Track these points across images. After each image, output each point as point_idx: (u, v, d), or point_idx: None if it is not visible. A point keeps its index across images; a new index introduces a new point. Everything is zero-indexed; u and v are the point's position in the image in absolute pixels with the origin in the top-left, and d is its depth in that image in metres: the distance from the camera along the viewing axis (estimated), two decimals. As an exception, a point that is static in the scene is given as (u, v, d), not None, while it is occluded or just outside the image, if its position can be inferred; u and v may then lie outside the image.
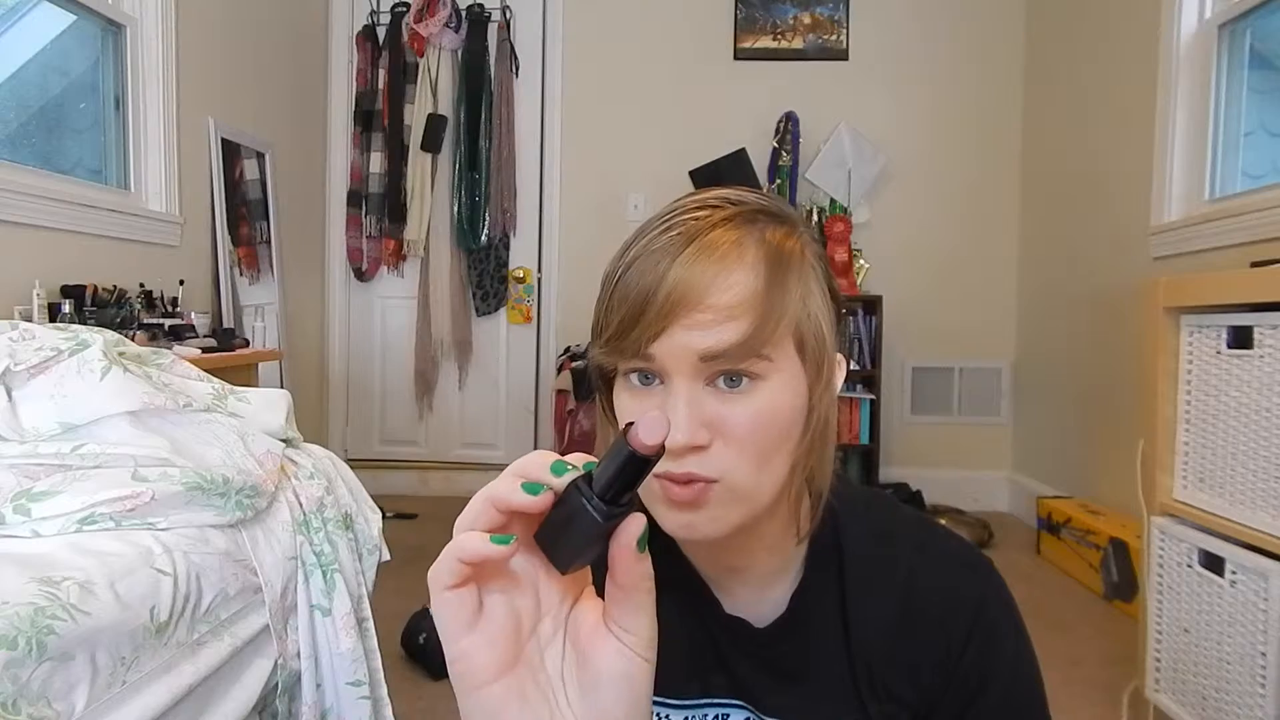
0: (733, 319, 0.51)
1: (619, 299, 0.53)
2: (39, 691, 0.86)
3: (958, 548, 0.65)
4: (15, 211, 2.07)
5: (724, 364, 0.52)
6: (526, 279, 3.83)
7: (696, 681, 0.65)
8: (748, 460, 0.53)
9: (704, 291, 0.51)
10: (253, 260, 3.20)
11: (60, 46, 2.49)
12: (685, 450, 0.51)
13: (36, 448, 1.14)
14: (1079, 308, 3.12)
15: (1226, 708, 1.44)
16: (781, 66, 3.70)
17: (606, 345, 0.54)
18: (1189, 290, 1.58)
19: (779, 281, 0.52)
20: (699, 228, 0.53)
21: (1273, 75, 2.41)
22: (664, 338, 0.51)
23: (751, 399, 0.53)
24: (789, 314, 0.53)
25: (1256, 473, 1.40)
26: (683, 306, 0.51)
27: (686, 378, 0.52)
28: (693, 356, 0.51)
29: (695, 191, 0.58)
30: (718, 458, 0.53)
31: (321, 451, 1.58)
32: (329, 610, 1.34)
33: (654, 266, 0.52)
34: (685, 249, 0.52)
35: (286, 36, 3.47)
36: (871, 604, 0.61)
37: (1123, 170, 2.82)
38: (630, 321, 0.52)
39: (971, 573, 0.63)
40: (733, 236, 0.53)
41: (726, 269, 0.51)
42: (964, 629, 0.60)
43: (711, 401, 0.53)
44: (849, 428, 3.41)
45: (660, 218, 0.55)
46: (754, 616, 0.64)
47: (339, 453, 3.04)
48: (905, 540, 0.64)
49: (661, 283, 0.51)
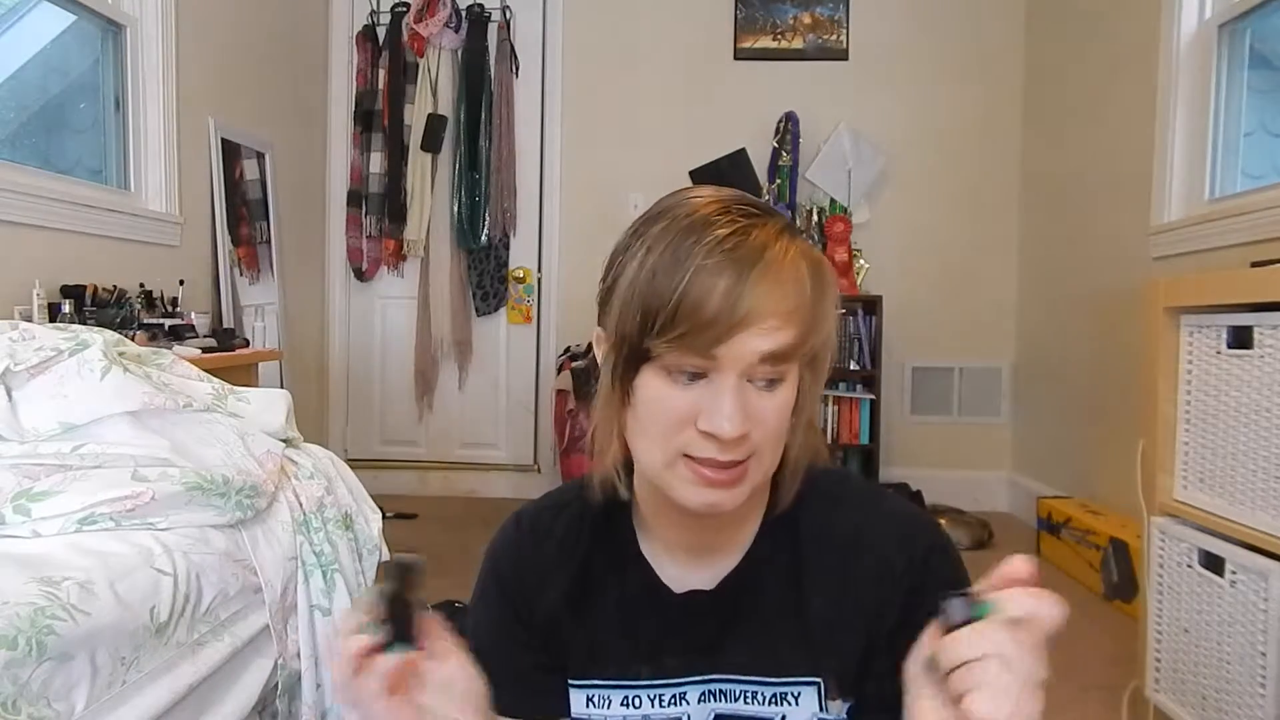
0: (791, 324, 0.57)
1: (697, 295, 0.55)
2: (39, 691, 0.86)
3: (903, 507, 0.70)
4: (15, 211, 2.06)
5: (773, 366, 0.57)
6: (526, 279, 3.83)
7: (644, 664, 0.69)
8: (769, 444, 0.60)
9: (774, 304, 0.56)
10: (253, 260, 3.20)
11: (60, 46, 2.49)
12: (735, 441, 0.57)
13: (36, 448, 1.15)
14: (1079, 308, 3.12)
15: (1226, 708, 1.44)
16: (781, 66, 3.70)
17: (674, 341, 0.56)
18: (1189, 290, 1.58)
19: (820, 295, 0.59)
20: (760, 241, 0.57)
21: (1273, 75, 2.41)
22: (735, 340, 0.56)
23: (779, 394, 0.59)
24: (821, 326, 0.59)
25: (1256, 473, 1.40)
26: (758, 316, 0.56)
27: (737, 374, 0.57)
28: (754, 357, 0.56)
29: (709, 189, 0.62)
30: (751, 444, 0.59)
31: (321, 451, 1.58)
32: (329, 610, 1.34)
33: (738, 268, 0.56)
34: (764, 257, 0.56)
35: (286, 36, 3.47)
36: (821, 559, 0.67)
37: (1123, 170, 2.82)
38: (707, 323, 0.55)
39: (912, 525, 0.68)
40: (788, 252, 0.58)
41: (784, 282, 0.57)
42: (900, 570, 0.64)
43: (750, 396, 0.58)
44: (849, 427, 3.41)
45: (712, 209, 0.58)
46: (707, 582, 0.69)
47: (339, 453, 3.03)
48: (854, 500, 0.70)
49: (740, 300, 0.55)
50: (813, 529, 0.68)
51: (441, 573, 2.76)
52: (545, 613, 0.72)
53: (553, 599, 0.72)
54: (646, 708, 0.69)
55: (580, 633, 0.71)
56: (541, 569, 0.72)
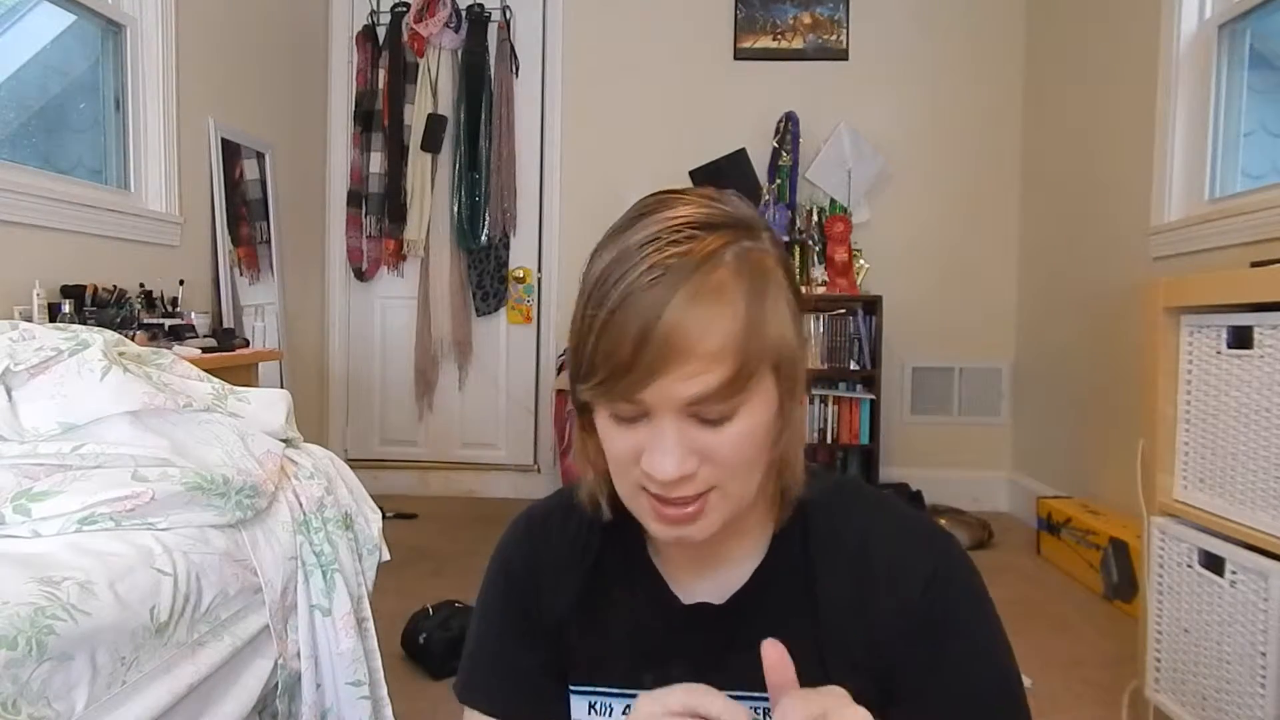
0: (717, 363, 0.53)
1: (607, 346, 0.54)
2: (39, 691, 0.86)
3: (915, 520, 0.67)
4: (15, 211, 2.06)
5: (706, 407, 0.54)
6: (526, 279, 3.83)
7: (649, 674, 0.67)
8: (734, 472, 0.57)
9: (694, 343, 0.52)
10: (253, 260, 3.20)
11: (60, 46, 2.49)
12: (680, 481, 0.55)
13: (36, 448, 1.14)
14: (1079, 308, 3.12)
15: (1226, 708, 1.44)
16: (781, 66, 3.70)
17: (595, 389, 0.55)
18: (1189, 290, 1.58)
19: (759, 319, 0.54)
20: (684, 268, 0.53)
21: (1273, 75, 2.41)
22: (653, 387, 0.53)
23: (733, 426, 0.56)
24: (767, 349, 0.55)
25: (1256, 473, 1.40)
26: (673, 360, 0.52)
27: (672, 414, 0.54)
28: (680, 402, 0.54)
29: (664, 199, 0.59)
30: (706, 477, 0.56)
31: (321, 451, 1.58)
32: (329, 610, 1.34)
33: (643, 315, 0.52)
34: (674, 297, 0.52)
35: (286, 36, 3.47)
36: (834, 570, 0.64)
37: (1123, 170, 2.82)
38: (621, 371, 0.53)
39: (924, 540, 0.65)
40: (716, 279, 0.53)
41: (711, 317, 0.53)
42: (915, 592, 0.62)
43: (696, 431, 0.55)
44: (849, 427, 3.41)
45: (640, 242, 0.55)
46: (717, 595, 0.67)
47: (339, 453, 3.04)
48: (864, 510, 0.67)
49: (650, 337, 0.52)
50: (825, 538, 0.66)
51: (442, 573, 2.78)
52: (554, 614, 0.71)
53: (563, 601, 0.70)
54: None
55: (587, 638, 0.70)
56: (553, 570, 0.71)
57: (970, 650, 0.62)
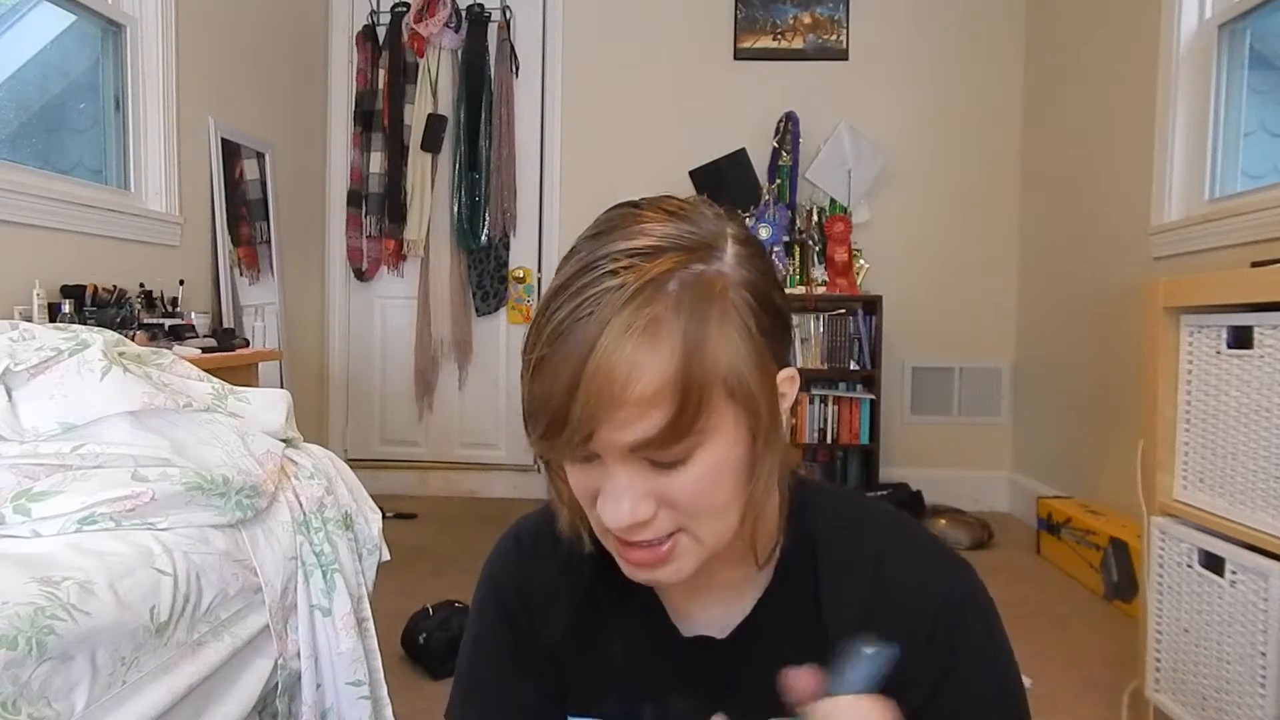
0: (653, 407, 0.48)
1: (539, 393, 0.51)
2: (39, 691, 0.86)
3: (929, 543, 0.64)
4: (15, 211, 2.06)
5: (651, 452, 0.50)
6: (526, 279, 3.83)
7: (648, 705, 0.65)
8: (701, 516, 0.53)
9: (624, 388, 0.48)
10: (253, 260, 3.20)
11: (60, 46, 2.49)
12: (634, 527, 0.52)
13: (36, 448, 1.14)
14: (1079, 308, 3.12)
15: (1226, 708, 1.44)
16: (781, 66, 3.70)
17: (538, 444, 0.53)
18: (1189, 290, 1.58)
19: (699, 352, 0.49)
20: (616, 302, 0.48)
21: (1273, 75, 2.41)
22: (593, 440, 0.50)
23: (693, 466, 0.51)
24: (713, 383, 0.50)
25: (1256, 473, 1.40)
26: (604, 409, 0.48)
27: (620, 460, 0.51)
28: (623, 449, 0.50)
29: (625, 216, 0.54)
30: (668, 520, 0.53)
31: (321, 451, 1.58)
32: (329, 610, 1.34)
33: (570, 361, 0.49)
34: (601, 337, 0.48)
35: (286, 36, 3.47)
36: (843, 596, 0.61)
37: (1123, 170, 2.82)
38: (555, 427, 0.50)
39: (939, 566, 0.62)
40: (650, 313, 0.48)
41: (642, 356, 0.48)
42: (927, 621, 0.59)
43: (652, 474, 0.52)
44: (849, 428, 3.41)
45: (579, 270, 0.51)
46: (718, 628, 0.64)
47: (339, 453, 3.04)
48: (876, 534, 0.64)
49: (578, 387, 0.48)
50: (835, 568, 0.62)
51: (442, 573, 2.78)
52: (548, 638, 0.68)
53: (557, 625, 0.67)
54: None
55: (583, 664, 0.67)
56: (546, 592, 0.68)
57: (980, 684, 0.61)
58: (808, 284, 3.51)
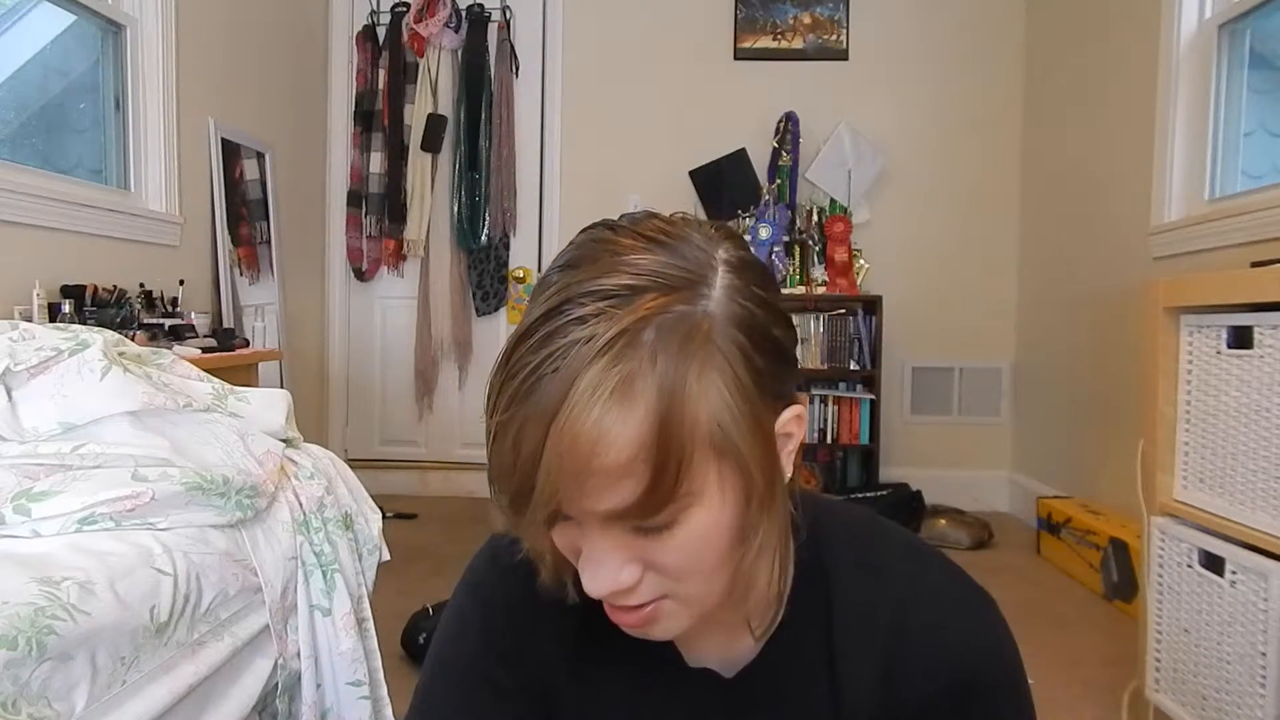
0: (628, 475, 0.43)
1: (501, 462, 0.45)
2: (39, 691, 0.86)
3: (952, 584, 0.59)
4: (15, 211, 2.06)
5: (631, 521, 0.46)
6: (526, 279, 3.83)
7: None
8: (688, 583, 0.49)
9: (593, 457, 0.43)
10: (253, 260, 3.20)
11: (60, 46, 2.49)
12: (616, 594, 0.49)
13: (36, 448, 1.14)
14: (1079, 308, 3.12)
15: (1226, 708, 1.44)
16: (781, 66, 3.70)
17: (506, 513, 0.47)
18: (1189, 290, 1.58)
19: (677, 411, 0.44)
20: (584, 357, 0.43)
21: (1273, 75, 2.41)
22: (562, 506, 0.45)
23: (679, 532, 0.47)
24: (693, 443, 0.44)
25: (1256, 473, 1.40)
26: (572, 480, 0.43)
27: (599, 527, 0.47)
28: (598, 518, 0.46)
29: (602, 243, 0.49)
30: (654, 585, 0.49)
31: (321, 451, 1.58)
32: (329, 610, 1.34)
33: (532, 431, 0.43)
34: (565, 403, 0.43)
35: (286, 36, 3.47)
36: (859, 641, 0.57)
37: (1123, 170, 2.82)
38: (521, 500, 0.45)
39: (964, 613, 0.58)
40: (616, 375, 0.43)
41: (612, 421, 0.42)
42: (950, 680, 0.55)
43: (634, 540, 0.47)
44: (849, 428, 3.41)
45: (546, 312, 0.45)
46: (724, 664, 0.60)
47: (339, 453, 3.03)
48: (898, 574, 0.59)
49: (540, 462, 0.43)
50: (854, 614, 0.57)
51: (442, 573, 2.78)
52: (536, 663, 0.63)
53: (546, 650, 0.62)
54: None
55: (578, 694, 0.63)
56: (535, 613, 0.62)
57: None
58: (808, 284, 3.51)
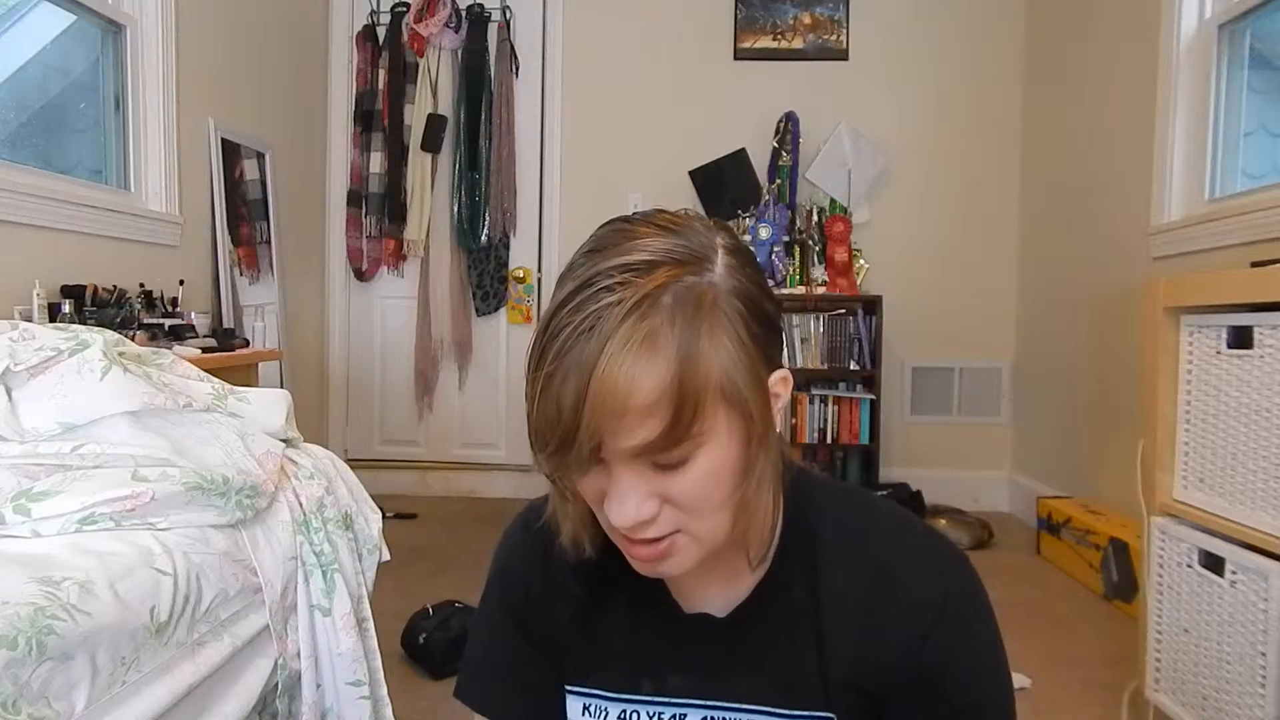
0: (653, 415, 0.51)
1: (547, 413, 0.53)
2: (39, 691, 0.86)
3: (933, 545, 0.65)
4: (15, 211, 2.06)
5: (653, 456, 0.53)
6: (526, 279, 3.83)
7: (646, 680, 0.68)
8: (702, 514, 0.57)
9: (626, 399, 0.51)
10: (253, 260, 3.20)
11: (60, 46, 2.49)
12: (639, 525, 0.55)
13: (36, 448, 1.14)
14: (1079, 308, 3.12)
15: (1226, 708, 1.44)
16: (781, 66, 3.70)
17: (548, 463, 0.55)
18: (1189, 290, 1.58)
19: (693, 362, 0.52)
20: (615, 317, 0.51)
21: (1273, 75, 2.41)
22: (599, 449, 0.53)
23: (692, 468, 0.55)
24: (710, 387, 0.53)
25: (1256, 473, 1.40)
26: (608, 420, 0.51)
27: (624, 464, 0.54)
28: (627, 454, 0.53)
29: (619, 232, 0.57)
30: (671, 519, 0.56)
31: (321, 451, 1.58)
32: (329, 610, 1.34)
33: (575, 379, 0.51)
34: (602, 353, 0.50)
35: (286, 36, 3.47)
36: (843, 593, 0.63)
37: (1123, 170, 2.82)
38: (565, 444, 0.53)
39: (942, 567, 0.64)
40: (648, 326, 0.51)
41: (641, 369, 0.51)
42: (927, 621, 0.61)
43: (655, 476, 0.55)
44: (849, 428, 3.41)
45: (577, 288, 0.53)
46: (718, 607, 0.67)
47: (339, 453, 3.03)
48: (880, 534, 0.65)
49: (583, 403, 0.51)
50: (834, 561, 0.64)
51: (442, 573, 2.78)
52: (553, 618, 0.71)
53: (562, 603, 0.71)
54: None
55: (586, 639, 0.70)
56: (553, 571, 0.71)
57: (973, 687, 0.62)
58: (808, 284, 3.51)
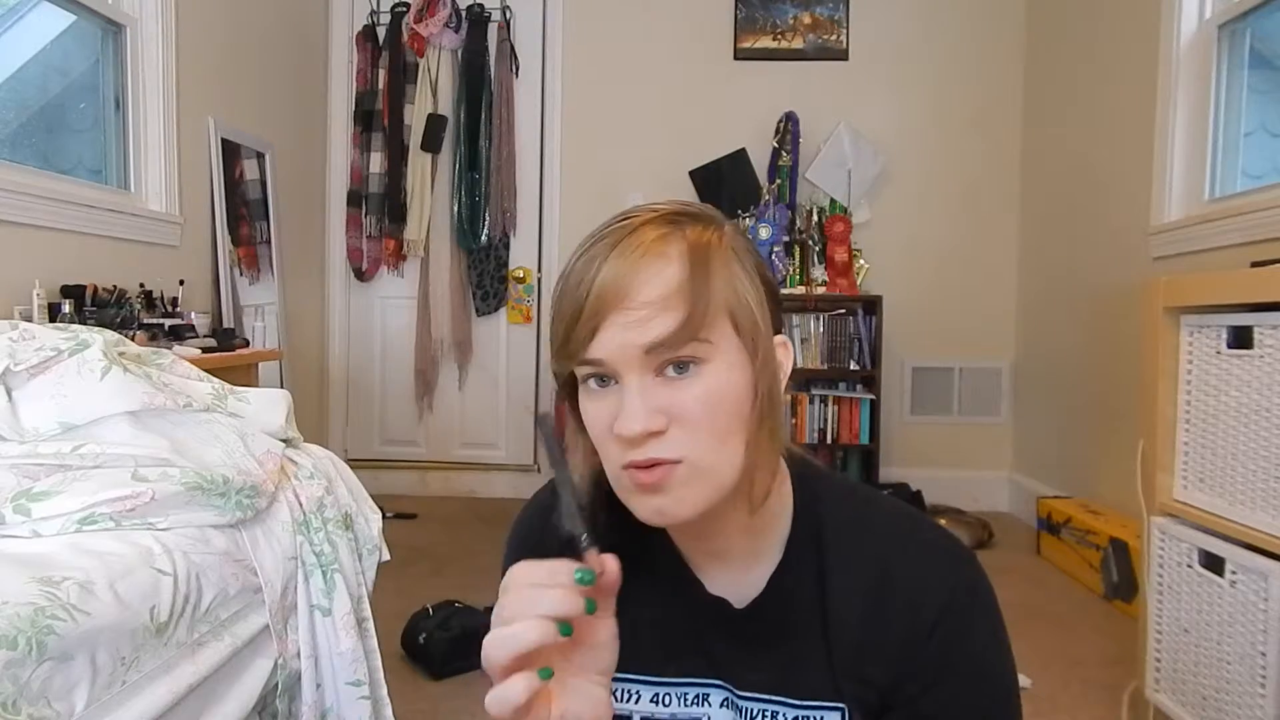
0: (666, 309, 0.55)
1: (558, 311, 0.58)
2: (39, 691, 0.86)
3: (937, 537, 0.66)
4: (15, 211, 2.06)
5: (665, 352, 0.55)
6: (526, 279, 3.83)
7: (673, 663, 0.68)
8: (705, 439, 0.57)
9: (632, 287, 0.55)
10: (253, 260, 3.20)
11: (60, 46, 2.49)
12: (644, 437, 0.56)
13: (36, 448, 1.15)
14: (1079, 308, 3.12)
15: (1226, 708, 1.44)
16: (781, 66, 3.70)
17: (555, 354, 0.59)
18: (1189, 290, 1.58)
19: (703, 269, 0.56)
20: (623, 232, 0.57)
21: (1273, 75, 2.41)
22: (601, 336, 0.56)
23: (699, 381, 0.57)
24: (719, 297, 0.57)
25: (1256, 473, 1.40)
26: (613, 303, 0.55)
27: (635, 372, 0.56)
28: (635, 351, 0.55)
29: (628, 213, 0.61)
30: (676, 440, 0.57)
31: (321, 451, 1.58)
32: (329, 610, 1.34)
33: (585, 273, 0.56)
34: (611, 251, 0.56)
35: (286, 36, 3.47)
36: (848, 585, 0.64)
37: (1123, 170, 2.82)
38: (570, 326, 0.56)
39: (947, 560, 0.64)
40: (654, 234, 0.57)
41: (650, 263, 0.55)
42: (932, 613, 0.61)
43: (662, 389, 0.57)
44: (849, 427, 3.41)
45: (594, 239, 0.59)
46: (735, 597, 0.67)
47: (339, 453, 3.03)
48: (885, 527, 0.66)
49: (592, 286, 0.55)
50: (840, 557, 0.65)
51: (442, 573, 2.78)
52: None
53: None
54: (675, 706, 0.68)
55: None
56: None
57: (978, 680, 0.63)
58: (808, 284, 3.51)
